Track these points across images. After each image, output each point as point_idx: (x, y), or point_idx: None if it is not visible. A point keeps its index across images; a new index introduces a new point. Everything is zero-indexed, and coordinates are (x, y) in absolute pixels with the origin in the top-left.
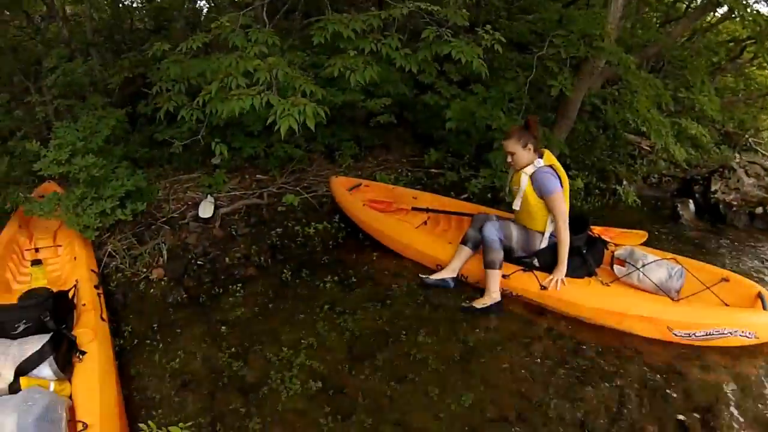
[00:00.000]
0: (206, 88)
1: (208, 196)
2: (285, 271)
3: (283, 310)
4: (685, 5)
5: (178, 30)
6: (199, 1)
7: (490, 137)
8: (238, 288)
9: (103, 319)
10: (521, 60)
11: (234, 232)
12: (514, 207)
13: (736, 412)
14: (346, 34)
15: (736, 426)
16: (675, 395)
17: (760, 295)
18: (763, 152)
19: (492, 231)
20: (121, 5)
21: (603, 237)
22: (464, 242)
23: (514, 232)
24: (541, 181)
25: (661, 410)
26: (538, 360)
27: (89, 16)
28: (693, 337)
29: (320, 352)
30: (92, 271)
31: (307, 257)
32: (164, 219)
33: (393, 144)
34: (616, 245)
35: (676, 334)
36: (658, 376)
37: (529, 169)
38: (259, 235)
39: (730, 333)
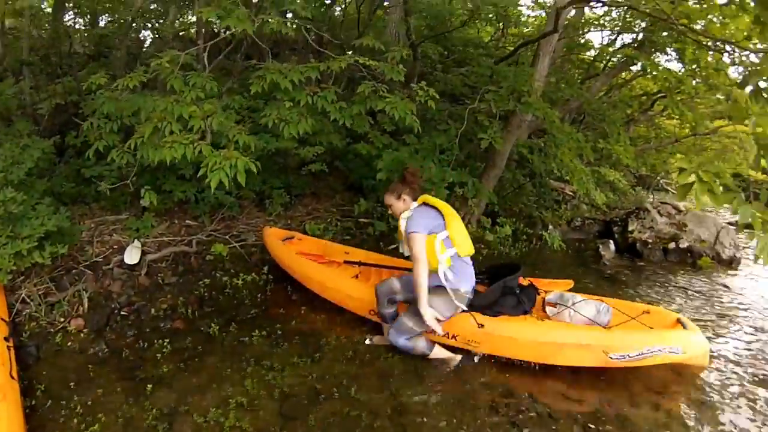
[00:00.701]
0: (138, 132)
1: (135, 240)
2: (213, 324)
3: (210, 366)
4: (603, 64)
5: (118, 59)
6: (143, 31)
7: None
8: (164, 342)
9: (12, 377)
10: (454, 111)
11: (161, 281)
12: (406, 254)
13: None
14: (283, 85)
15: None
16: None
17: (679, 320)
18: (673, 192)
19: (396, 341)
20: (62, 25)
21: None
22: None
23: (398, 284)
24: (411, 223)
25: None
26: (471, 409)
27: (27, 32)
28: (628, 358)
29: (250, 412)
30: (1, 319)
31: (235, 310)
32: (87, 263)
33: (323, 193)
34: (546, 291)
35: (612, 358)
36: (583, 415)
37: (405, 215)
38: (186, 284)
39: (660, 350)
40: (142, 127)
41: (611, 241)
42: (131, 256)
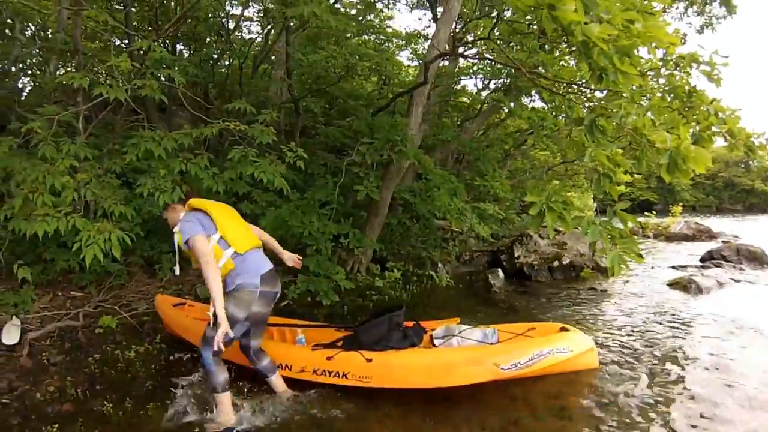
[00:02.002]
0: (8, 203)
1: (14, 317)
2: (106, 403)
3: None
4: (478, 107)
5: None
6: (22, 77)
7: (304, 243)
8: (54, 429)
9: None
10: (333, 164)
11: (46, 361)
12: (194, 267)
13: None
14: (157, 153)
15: None
16: None
17: (562, 327)
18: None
19: (204, 354)
20: None
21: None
22: None
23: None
24: (182, 232)
25: None
26: None
27: None
28: (519, 365)
29: None
30: None
31: (130, 385)
32: None
33: None
34: (432, 329)
35: (503, 368)
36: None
37: (176, 228)
38: (75, 362)
39: (548, 352)
40: (13, 199)
41: (499, 270)
42: (10, 335)
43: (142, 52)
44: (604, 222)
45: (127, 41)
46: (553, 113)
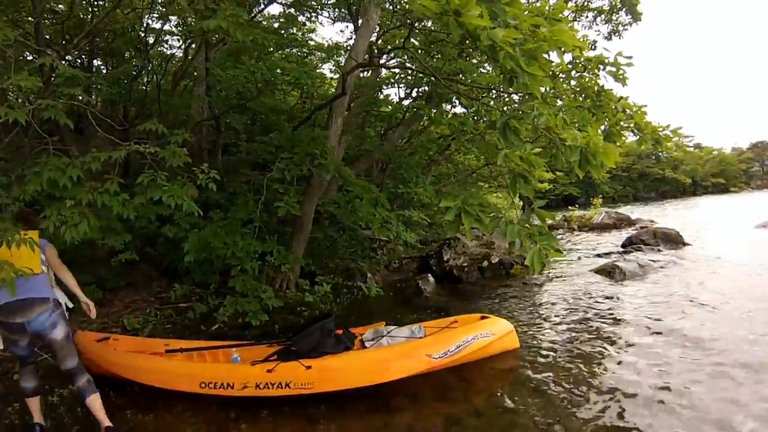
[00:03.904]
0: None
1: None
2: None
3: None
4: (401, 115)
5: None
6: None
7: (229, 263)
8: None
9: None
10: (258, 179)
11: None
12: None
13: None
14: (62, 183)
15: None
16: None
17: (483, 317)
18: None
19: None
20: None
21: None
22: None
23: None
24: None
25: None
26: None
27: None
28: (448, 353)
29: None
30: None
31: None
32: None
33: (139, 282)
34: (361, 334)
35: (435, 358)
36: None
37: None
38: None
39: (473, 338)
40: None
41: (429, 275)
42: None
43: (48, 68)
44: (522, 221)
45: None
46: (474, 118)
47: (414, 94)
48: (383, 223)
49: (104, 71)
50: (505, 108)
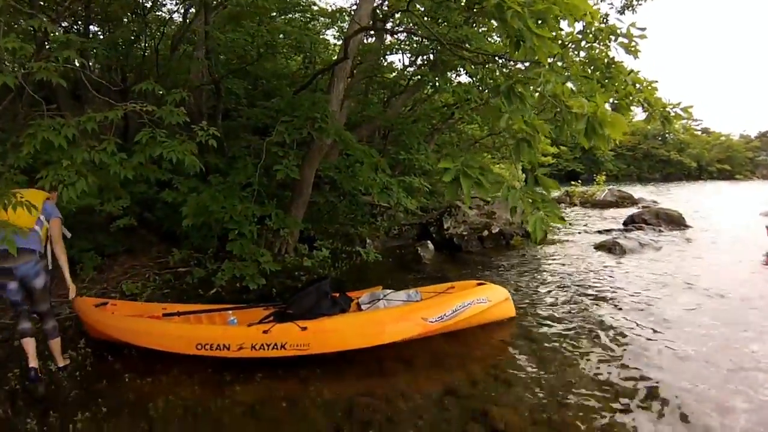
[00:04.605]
0: None
1: None
2: (29, 420)
3: None
4: (405, 83)
5: None
6: None
7: (227, 227)
8: None
9: None
10: (258, 144)
11: None
12: None
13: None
14: (57, 143)
15: (512, 424)
16: (452, 413)
17: (479, 283)
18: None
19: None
20: None
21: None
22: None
23: None
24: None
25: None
26: None
27: None
28: (444, 318)
29: None
30: None
31: (54, 397)
32: None
33: (138, 248)
34: (357, 297)
35: (431, 321)
36: (427, 404)
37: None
38: None
39: (469, 303)
40: None
41: (429, 242)
42: None
43: (42, 33)
44: (525, 187)
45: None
46: (479, 86)
47: (419, 61)
48: (384, 188)
49: (101, 37)
50: (510, 74)
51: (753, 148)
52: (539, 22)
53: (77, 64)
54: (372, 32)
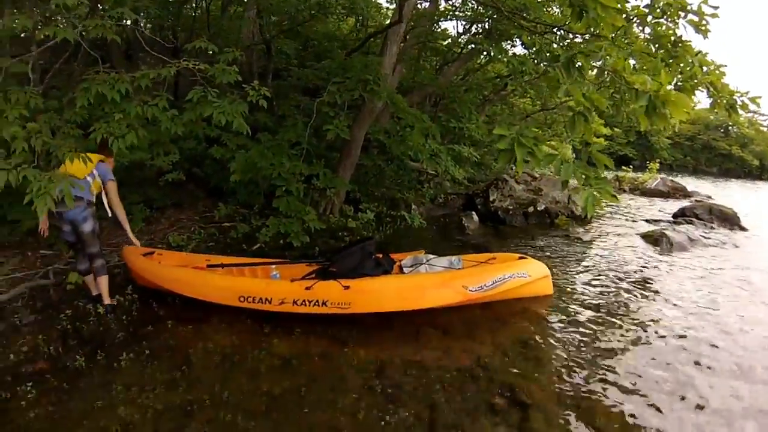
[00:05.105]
0: None
1: None
2: (78, 357)
3: (81, 401)
4: (458, 51)
5: None
6: None
7: (274, 184)
8: (28, 387)
9: None
10: (308, 104)
11: (18, 322)
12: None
13: (533, 387)
14: (110, 96)
15: (537, 400)
16: (480, 384)
17: (521, 257)
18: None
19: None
20: None
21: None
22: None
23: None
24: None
25: (472, 402)
26: (345, 394)
27: None
28: (485, 288)
29: None
30: None
31: (101, 337)
32: None
33: (186, 202)
34: (400, 260)
35: (471, 290)
36: (457, 373)
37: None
38: (47, 321)
39: (510, 276)
40: None
41: (473, 213)
42: None
43: None
44: (578, 162)
45: None
46: (534, 59)
47: (473, 29)
48: (432, 155)
49: None
50: (570, 46)
51: None
52: None
53: (129, 23)
54: None
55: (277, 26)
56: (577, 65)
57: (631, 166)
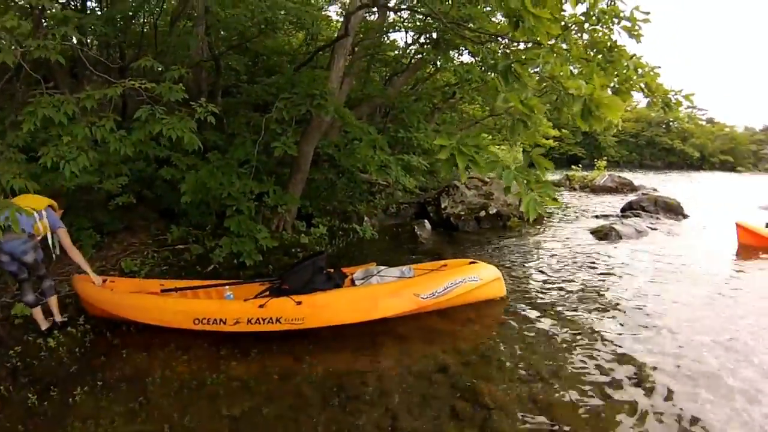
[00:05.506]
0: None
1: None
2: (30, 395)
3: None
4: (407, 61)
5: None
6: None
7: (225, 204)
8: None
9: None
10: (258, 120)
11: None
12: None
13: (494, 389)
14: (57, 119)
15: (499, 401)
16: (440, 389)
17: (472, 262)
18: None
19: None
20: None
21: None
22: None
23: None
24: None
25: (434, 408)
26: (304, 410)
27: None
28: (436, 294)
29: None
30: None
31: (54, 373)
32: None
33: (137, 225)
34: (351, 273)
35: (422, 298)
36: (416, 380)
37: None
38: None
39: (461, 281)
40: None
41: (426, 221)
42: None
43: (38, 10)
44: (520, 167)
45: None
46: (480, 67)
47: (421, 39)
48: (381, 166)
49: (99, 13)
50: (509, 54)
51: (756, 141)
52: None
53: (75, 42)
54: (375, 9)
55: (227, 42)
56: (515, 72)
57: (580, 165)
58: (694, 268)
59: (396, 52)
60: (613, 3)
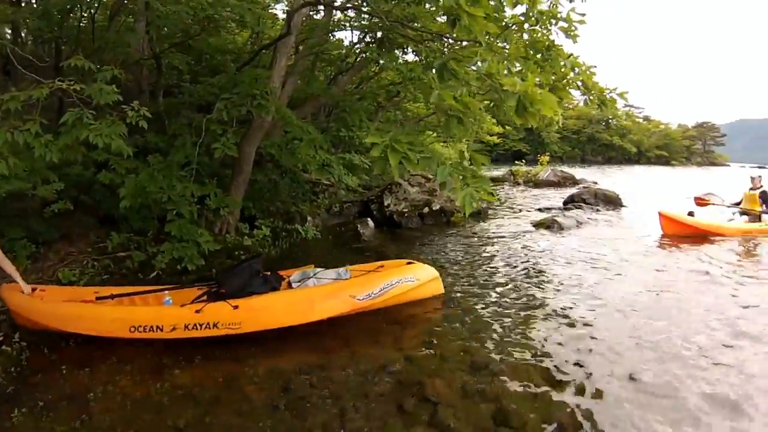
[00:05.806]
0: None
1: None
2: None
3: None
4: (352, 60)
5: None
6: None
7: (165, 208)
8: None
9: None
10: (199, 121)
11: None
12: None
13: (439, 384)
14: None
15: (445, 396)
16: (387, 387)
17: (409, 262)
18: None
19: None
20: None
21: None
22: None
23: None
24: None
25: (382, 405)
26: (251, 416)
27: None
28: (373, 295)
29: None
30: None
31: None
32: None
33: (75, 233)
34: (288, 276)
35: (358, 299)
36: (363, 379)
37: None
38: None
39: (397, 282)
40: None
41: (369, 219)
42: None
43: None
44: (455, 163)
45: None
46: (423, 65)
47: (366, 39)
48: (323, 165)
49: (34, 5)
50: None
51: (689, 137)
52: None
53: (7, 37)
54: (321, 8)
55: (169, 39)
56: (450, 70)
57: (524, 160)
58: (630, 255)
59: (341, 51)
60: (554, 6)
